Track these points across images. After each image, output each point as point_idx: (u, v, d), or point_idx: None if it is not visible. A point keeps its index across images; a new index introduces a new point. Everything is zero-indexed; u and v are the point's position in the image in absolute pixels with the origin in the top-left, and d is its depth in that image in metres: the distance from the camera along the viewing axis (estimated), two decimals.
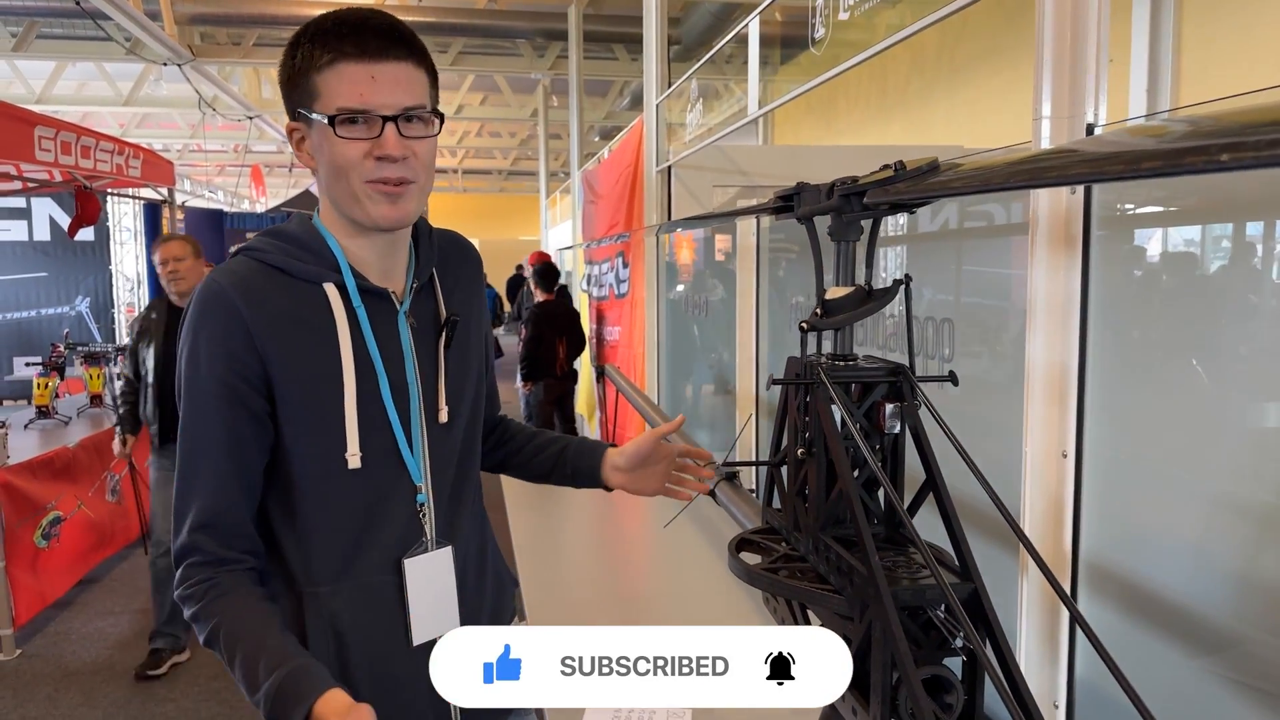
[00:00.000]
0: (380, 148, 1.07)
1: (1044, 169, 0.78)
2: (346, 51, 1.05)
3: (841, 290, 1.21)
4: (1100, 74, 1.46)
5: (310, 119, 1.09)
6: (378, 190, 1.09)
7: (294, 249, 1.14)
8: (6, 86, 12.44)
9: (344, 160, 1.08)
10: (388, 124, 1.06)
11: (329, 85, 1.06)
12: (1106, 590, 1.52)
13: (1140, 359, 1.56)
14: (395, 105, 1.07)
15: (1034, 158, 0.79)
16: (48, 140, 4.32)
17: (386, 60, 1.06)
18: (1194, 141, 0.61)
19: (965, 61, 6.41)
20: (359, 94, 1.05)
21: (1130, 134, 0.78)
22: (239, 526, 1.13)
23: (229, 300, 1.09)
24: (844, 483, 1.10)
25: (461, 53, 11.11)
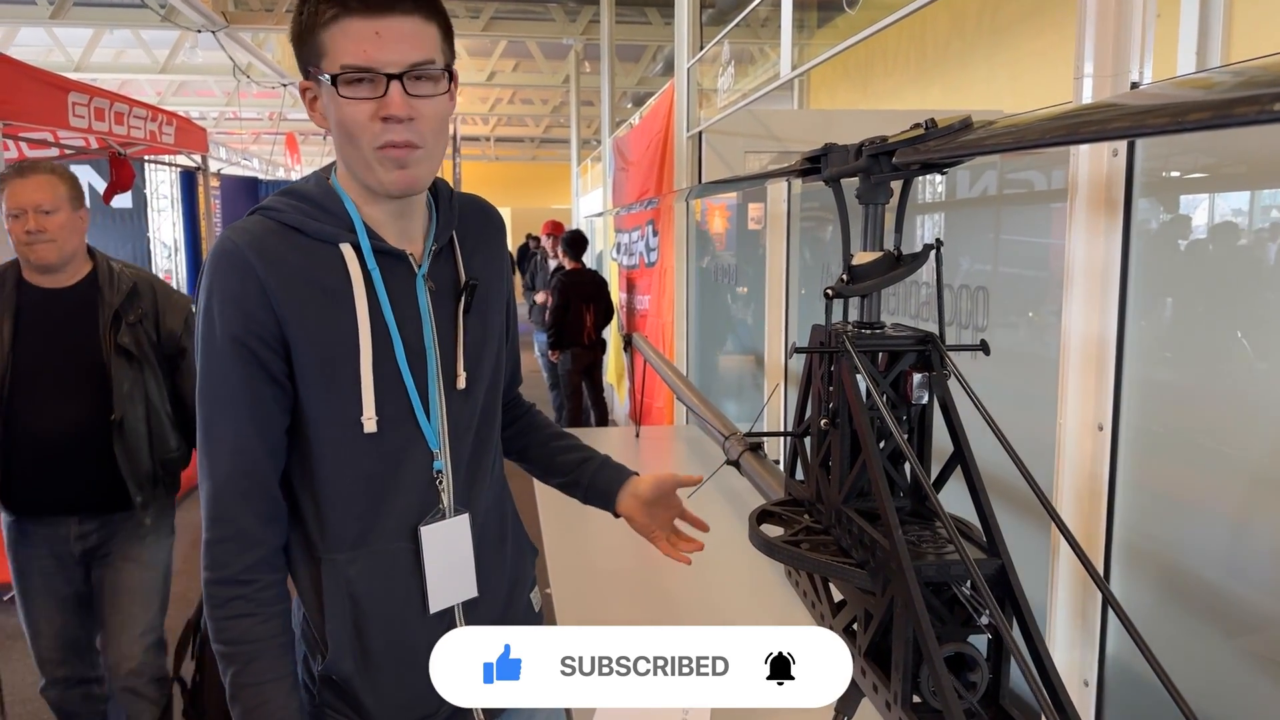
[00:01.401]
0: (385, 108, 1.03)
1: (1081, 124, 0.74)
2: (351, 5, 1.01)
3: (869, 255, 1.17)
4: (1147, 29, 1.39)
5: (318, 78, 1.06)
6: (387, 155, 1.06)
7: (310, 208, 1.12)
8: (45, 54, 12.56)
9: (351, 123, 1.05)
10: (392, 82, 1.02)
11: (334, 42, 1.02)
12: (1141, 567, 1.47)
13: (1180, 330, 1.50)
14: (401, 62, 1.03)
15: (1071, 112, 0.74)
16: (81, 107, 4.35)
17: (392, 14, 1.02)
18: (1244, 91, 0.57)
19: (1007, 23, 6.24)
20: (363, 51, 1.01)
21: (1175, 87, 0.73)
22: (264, 487, 1.12)
23: (244, 258, 1.07)
24: (867, 454, 1.07)
25: (493, 18, 11.02)
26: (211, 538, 1.10)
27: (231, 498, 1.10)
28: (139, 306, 2.35)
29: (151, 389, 2.35)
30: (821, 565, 1.12)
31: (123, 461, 2.28)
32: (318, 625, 1.16)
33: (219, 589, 1.10)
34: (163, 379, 2.39)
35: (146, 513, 2.36)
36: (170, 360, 2.41)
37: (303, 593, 1.18)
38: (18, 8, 10.22)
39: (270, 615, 1.11)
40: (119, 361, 2.28)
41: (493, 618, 1.25)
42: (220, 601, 1.10)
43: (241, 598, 1.10)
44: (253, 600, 1.10)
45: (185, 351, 2.42)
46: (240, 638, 1.10)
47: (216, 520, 1.10)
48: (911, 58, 7.66)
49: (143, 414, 2.33)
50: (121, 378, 2.28)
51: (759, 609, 2.04)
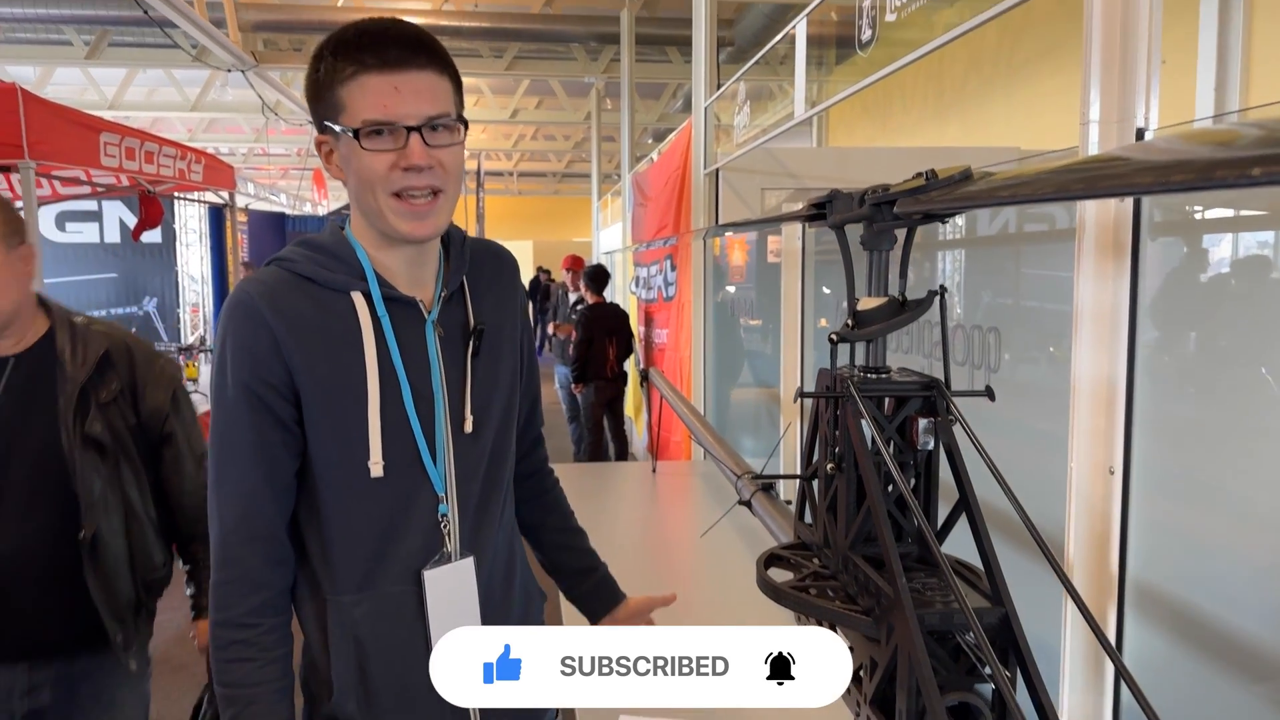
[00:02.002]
0: (406, 158, 1.07)
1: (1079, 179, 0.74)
2: (368, 63, 1.05)
3: (874, 301, 1.18)
4: (1152, 76, 1.40)
5: (336, 132, 1.09)
6: (405, 206, 1.10)
7: (323, 258, 1.15)
8: (81, 93, 12.89)
9: (370, 173, 1.08)
10: (412, 134, 1.07)
11: (353, 98, 1.07)
12: (1155, 614, 1.45)
13: (1193, 370, 1.49)
14: (419, 115, 1.07)
15: (1070, 167, 0.75)
16: (113, 146, 4.45)
17: (408, 70, 1.06)
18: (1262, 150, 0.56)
19: (1024, 61, 6.26)
20: (383, 105, 1.06)
21: (1183, 140, 0.73)
22: (271, 532, 1.14)
23: (256, 308, 1.10)
24: (872, 501, 1.07)
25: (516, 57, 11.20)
26: (219, 579, 1.13)
27: (239, 541, 1.12)
28: (113, 379, 1.73)
29: (131, 490, 1.75)
30: (827, 612, 1.12)
31: (96, 590, 1.68)
32: (323, 666, 1.17)
33: (224, 631, 1.12)
34: (145, 474, 1.80)
35: (129, 653, 1.75)
36: (154, 448, 1.81)
37: (308, 634, 1.20)
38: (55, 48, 10.52)
39: (271, 660, 1.13)
40: (87, 457, 1.68)
41: None
42: (224, 644, 1.12)
43: (244, 641, 1.12)
44: (255, 645, 1.12)
45: (173, 437, 1.81)
46: (241, 680, 1.11)
47: (224, 563, 1.12)
48: (930, 94, 7.70)
49: (120, 525, 1.73)
50: (91, 479, 1.69)
51: None
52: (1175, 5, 4.76)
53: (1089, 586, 1.48)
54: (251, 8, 9.35)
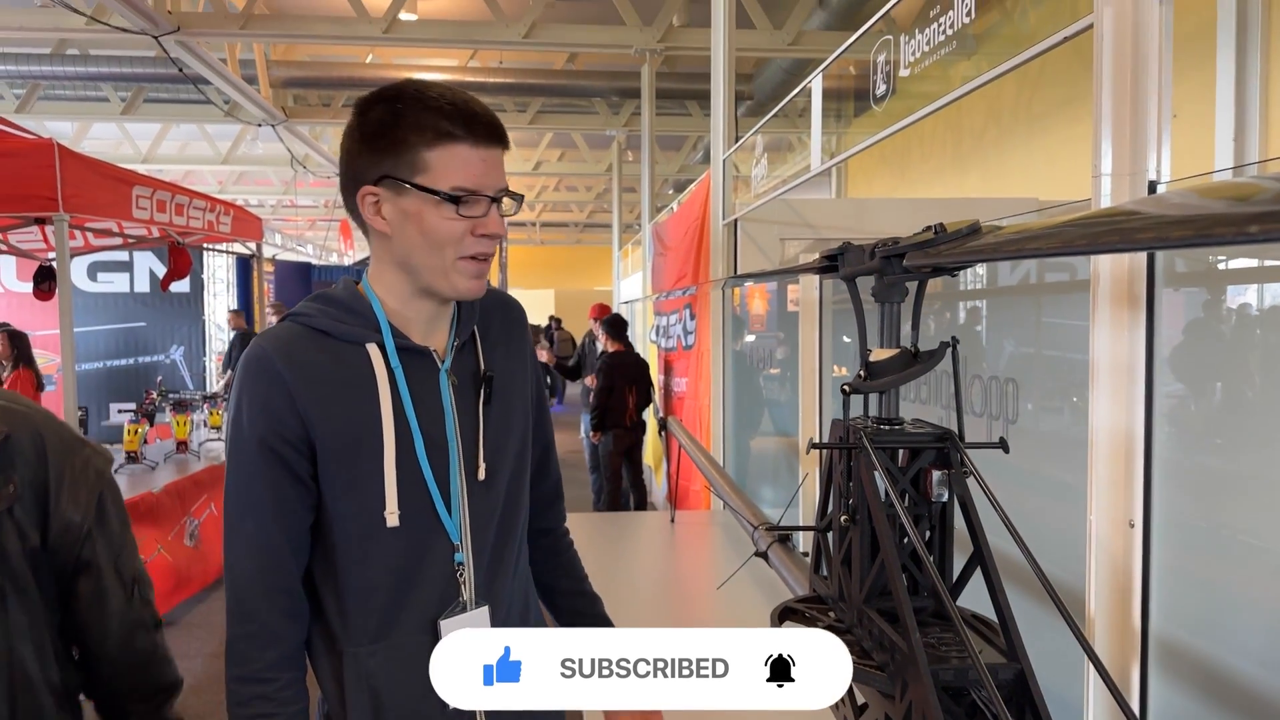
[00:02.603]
0: (485, 226, 1.14)
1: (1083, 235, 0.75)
2: (459, 135, 1.11)
3: (886, 352, 1.18)
4: (1163, 129, 1.41)
5: (405, 188, 1.11)
6: (469, 265, 1.15)
7: (338, 312, 1.18)
8: (116, 146, 13.24)
9: (447, 235, 1.13)
10: (493, 204, 1.14)
11: (442, 163, 1.11)
12: (1180, 671, 1.42)
13: (1214, 421, 1.48)
14: (497, 187, 1.15)
15: (1069, 223, 0.76)
16: (144, 199, 4.56)
17: (493, 145, 1.14)
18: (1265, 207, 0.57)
19: (1043, 111, 6.31)
20: (473, 175, 1.12)
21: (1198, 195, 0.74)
22: (287, 585, 1.15)
23: (271, 364, 1.12)
24: (886, 554, 1.06)
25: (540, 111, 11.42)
26: (235, 634, 1.14)
27: (255, 595, 1.13)
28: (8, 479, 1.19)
29: (21, 644, 1.21)
30: None
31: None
32: (339, 716, 1.17)
33: (241, 686, 1.13)
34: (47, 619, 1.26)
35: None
36: (66, 580, 1.28)
37: (324, 685, 1.20)
38: (92, 104, 10.84)
39: (290, 715, 1.13)
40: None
41: (515, 713, 1.25)
42: (243, 700, 1.13)
43: (262, 696, 1.12)
44: (273, 700, 1.12)
45: (92, 566, 1.28)
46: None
47: (241, 617, 1.13)
48: (949, 145, 7.75)
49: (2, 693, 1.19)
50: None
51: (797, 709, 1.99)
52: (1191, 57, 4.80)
53: (1110, 642, 1.46)
54: (282, 65, 9.61)
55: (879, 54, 2.59)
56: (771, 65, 8.93)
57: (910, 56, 2.37)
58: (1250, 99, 4.20)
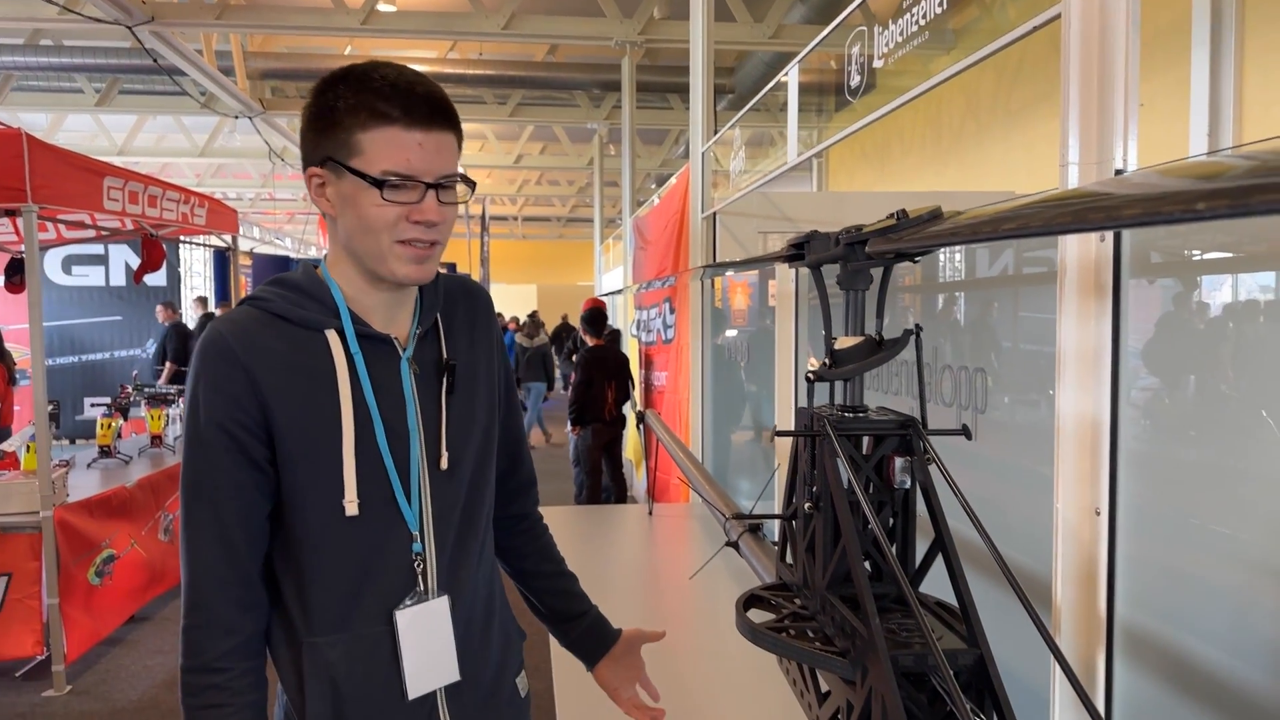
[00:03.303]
0: (421, 213, 1.09)
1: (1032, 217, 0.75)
2: (394, 116, 1.07)
3: (850, 340, 1.18)
4: (1130, 117, 1.42)
5: (343, 171, 1.09)
6: (406, 250, 1.11)
7: (296, 296, 1.16)
8: (91, 139, 13.09)
9: (380, 220, 1.09)
10: (429, 190, 1.09)
11: (375, 146, 1.07)
12: (1144, 658, 1.43)
13: (1179, 410, 1.48)
14: (436, 173, 1.09)
15: (1025, 205, 0.76)
16: (116, 190, 4.50)
17: (432, 129, 1.09)
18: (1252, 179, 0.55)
19: (1021, 105, 6.34)
20: (406, 159, 1.07)
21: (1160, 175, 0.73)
22: (243, 574, 1.13)
23: (228, 348, 1.10)
24: (846, 540, 1.06)
25: (520, 104, 11.38)
26: (189, 624, 1.11)
27: (209, 585, 1.11)
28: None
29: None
30: (802, 653, 1.10)
31: None
32: (299, 708, 1.16)
33: (194, 676, 1.10)
34: None
35: None
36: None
37: (284, 675, 1.18)
38: (66, 96, 10.71)
39: (242, 706, 1.11)
40: None
41: (477, 703, 1.24)
42: (194, 690, 1.10)
43: (215, 686, 1.10)
44: (225, 689, 1.10)
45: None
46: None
47: (194, 606, 1.11)
48: (928, 139, 7.78)
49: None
50: None
51: (760, 693, 1.99)
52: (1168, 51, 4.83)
53: (1076, 629, 1.46)
54: (259, 56, 9.52)
55: (853, 46, 2.59)
56: (753, 58, 8.94)
57: (884, 48, 2.36)
58: (1224, 92, 4.23)
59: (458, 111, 1.15)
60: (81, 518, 4.18)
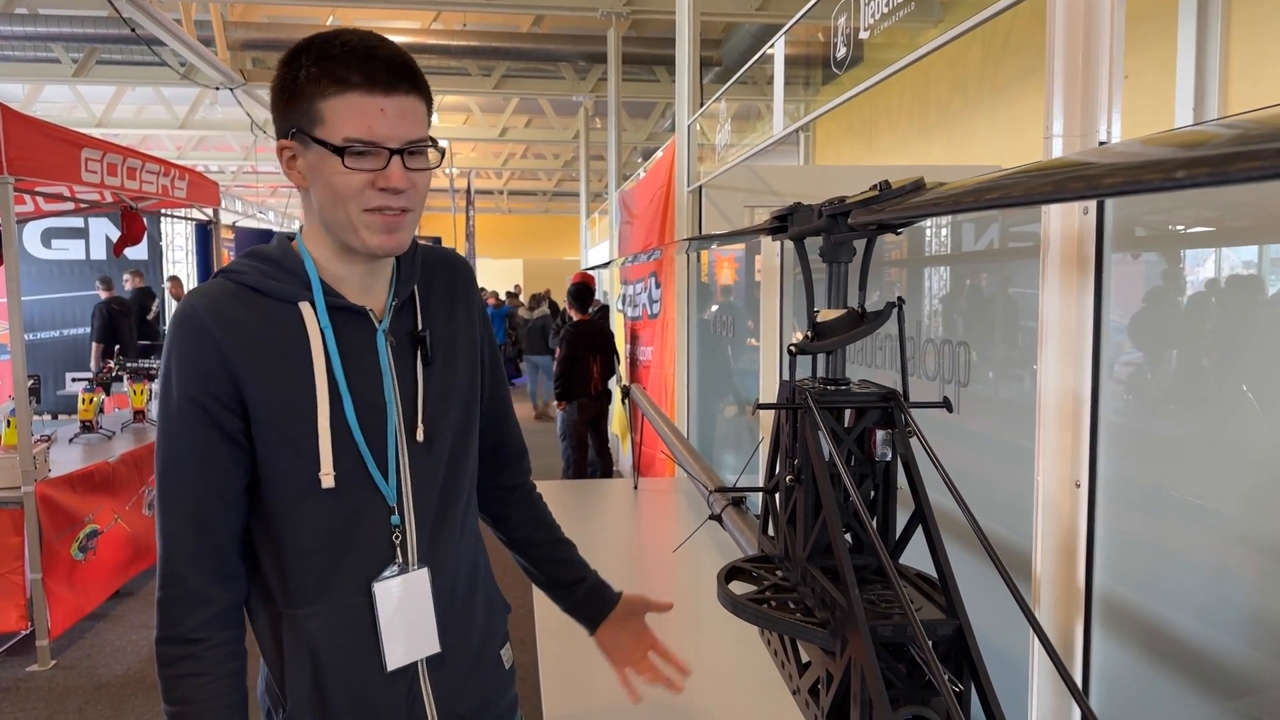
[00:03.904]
0: (385, 180, 1.07)
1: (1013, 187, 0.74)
2: (354, 81, 1.05)
3: (833, 313, 1.17)
4: (1114, 90, 1.41)
5: (308, 141, 1.08)
6: (375, 218, 1.09)
7: (270, 269, 1.14)
8: (69, 110, 12.88)
9: (345, 189, 1.08)
10: (394, 157, 1.07)
11: (336, 114, 1.05)
12: (1122, 629, 1.45)
13: (1159, 384, 1.49)
14: (401, 138, 1.07)
15: (1004, 176, 0.75)
16: (94, 162, 4.44)
17: (394, 94, 1.06)
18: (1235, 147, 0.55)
19: (1007, 80, 6.32)
20: (367, 126, 1.05)
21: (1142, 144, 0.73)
22: (217, 546, 1.12)
23: (201, 320, 1.09)
24: (827, 512, 1.06)
25: (505, 76, 11.26)
26: (163, 596, 1.11)
27: (183, 556, 1.10)
28: None
29: None
30: (783, 624, 1.11)
31: None
32: (279, 679, 1.16)
33: (169, 648, 1.10)
34: None
35: None
36: None
37: (265, 648, 1.18)
38: (42, 66, 10.52)
39: (219, 675, 1.11)
40: None
41: (459, 674, 1.24)
42: (170, 660, 1.10)
43: (191, 656, 1.10)
44: (202, 659, 1.10)
45: None
46: (188, 697, 1.09)
47: (168, 579, 1.11)
48: (915, 114, 7.76)
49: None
50: None
51: (747, 668, 2.01)
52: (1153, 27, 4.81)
53: (1055, 601, 1.48)
54: (240, 26, 9.37)
55: (839, 17, 2.57)
56: (740, 30, 8.87)
57: (869, 20, 2.35)
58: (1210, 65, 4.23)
59: (429, 81, 1.12)
60: (64, 493, 4.16)
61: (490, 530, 1.45)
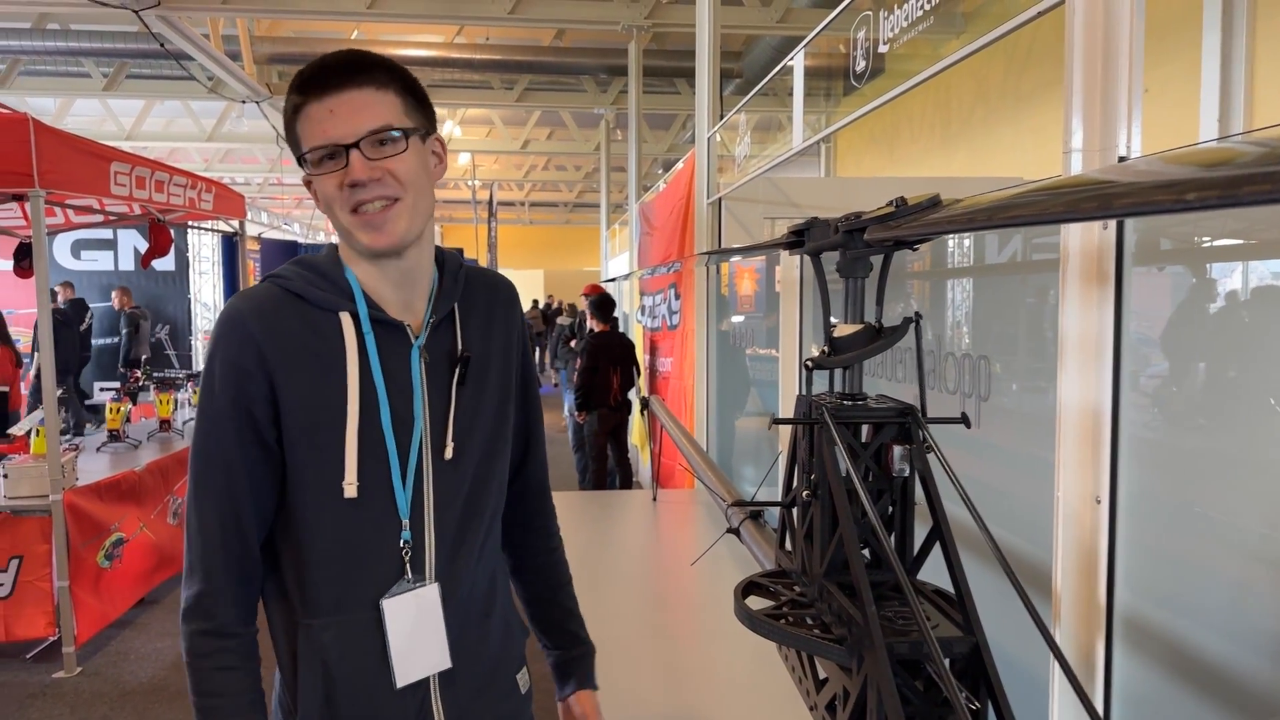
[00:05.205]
0: (349, 174, 1.10)
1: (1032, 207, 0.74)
2: (309, 93, 1.10)
3: (850, 328, 1.17)
4: (1134, 104, 1.41)
5: (299, 163, 1.14)
6: (360, 219, 1.12)
7: (314, 277, 1.17)
8: (99, 124, 13.09)
9: (326, 195, 1.12)
10: (351, 151, 1.09)
11: (303, 130, 1.11)
12: (1144, 646, 1.43)
13: (1182, 398, 1.48)
14: (355, 132, 1.09)
15: (1023, 193, 0.75)
16: (123, 175, 4.51)
17: (343, 91, 1.09)
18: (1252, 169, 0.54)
19: (1030, 90, 6.29)
20: (322, 131, 1.09)
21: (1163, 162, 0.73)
22: (246, 546, 1.15)
23: (244, 324, 1.12)
24: (844, 528, 1.06)
25: (527, 89, 11.33)
26: (199, 590, 1.13)
27: (213, 552, 1.13)
28: None
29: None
30: (799, 640, 1.10)
31: None
32: (292, 689, 1.17)
33: (204, 639, 1.12)
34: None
35: None
36: None
37: (280, 656, 1.20)
38: (74, 80, 10.70)
39: (248, 671, 1.14)
40: None
41: (471, 694, 1.24)
42: (205, 651, 1.12)
43: (225, 650, 1.12)
44: (235, 653, 1.13)
45: None
46: (220, 690, 1.12)
47: (206, 574, 1.13)
48: (936, 124, 7.73)
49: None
50: None
51: (763, 682, 2.00)
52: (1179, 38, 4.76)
53: (1076, 617, 1.46)
54: (266, 41, 9.50)
55: (859, 30, 2.57)
56: (761, 43, 8.88)
57: (889, 32, 2.35)
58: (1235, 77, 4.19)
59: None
60: (91, 501, 4.21)
61: None
